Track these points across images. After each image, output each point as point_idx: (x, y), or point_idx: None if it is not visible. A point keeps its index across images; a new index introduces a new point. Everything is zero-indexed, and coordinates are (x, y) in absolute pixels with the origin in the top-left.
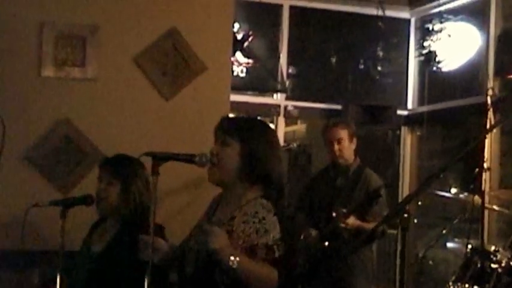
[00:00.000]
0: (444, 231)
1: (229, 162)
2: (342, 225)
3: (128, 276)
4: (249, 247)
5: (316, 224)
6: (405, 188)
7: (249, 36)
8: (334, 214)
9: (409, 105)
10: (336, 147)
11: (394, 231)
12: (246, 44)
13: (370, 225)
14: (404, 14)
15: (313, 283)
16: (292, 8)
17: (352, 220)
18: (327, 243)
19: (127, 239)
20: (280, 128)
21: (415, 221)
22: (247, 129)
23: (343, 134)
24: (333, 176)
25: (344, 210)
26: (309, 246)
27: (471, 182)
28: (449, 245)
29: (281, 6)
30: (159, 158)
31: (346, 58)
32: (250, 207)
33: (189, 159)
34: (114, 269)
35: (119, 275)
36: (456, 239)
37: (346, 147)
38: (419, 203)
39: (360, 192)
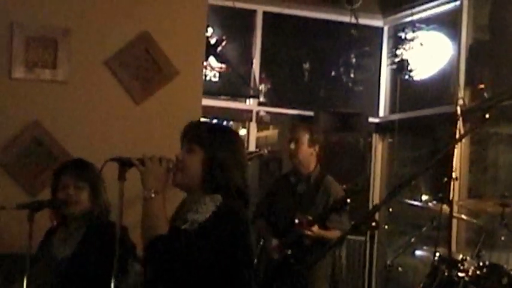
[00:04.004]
0: (413, 239)
1: (193, 168)
2: (308, 232)
3: (100, 277)
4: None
5: (276, 230)
6: (376, 194)
7: (222, 41)
8: (296, 221)
9: (381, 113)
10: (292, 145)
11: (363, 238)
12: (219, 48)
13: (332, 233)
14: (377, 22)
15: None
16: (265, 13)
17: (316, 228)
18: (289, 251)
19: (97, 241)
20: (252, 133)
21: (386, 227)
22: (211, 136)
23: (302, 136)
24: (294, 183)
25: (310, 218)
26: (269, 253)
27: (440, 191)
28: (418, 253)
29: (255, 11)
30: (126, 164)
31: (319, 65)
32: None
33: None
34: (86, 272)
35: (92, 277)
36: (425, 247)
37: (303, 150)
38: (390, 209)
39: (321, 199)
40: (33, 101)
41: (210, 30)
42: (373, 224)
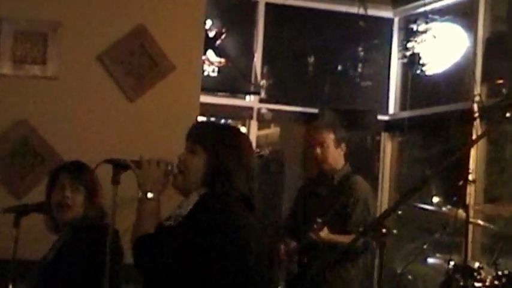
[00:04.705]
0: (425, 246)
1: (194, 171)
2: (313, 236)
3: (82, 281)
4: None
5: (297, 236)
6: (384, 197)
7: (222, 34)
8: (315, 226)
9: (391, 110)
10: (318, 151)
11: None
12: (218, 42)
13: (346, 239)
14: (387, 13)
15: None
16: (268, 4)
17: (324, 233)
18: (305, 260)
19: (80, 243)
20: (253, 132)
21: (394, 231)
22: (216, 138)
23: (328, 137)
24: (317, 184)
25: (319, 221)
26: (290, 256)
27: (455, 195)
28: (430, 260)
29: (256, 2)
30: (121, 166)
31: (324, 59)
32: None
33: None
34: (66, 275)
35: (73, 281)
36: (438, 254)
37: (331, 152)
38: (399, 212)
39: (342, 201)
40: (21, 99)
41: (208, 22)
42: (384, 230)
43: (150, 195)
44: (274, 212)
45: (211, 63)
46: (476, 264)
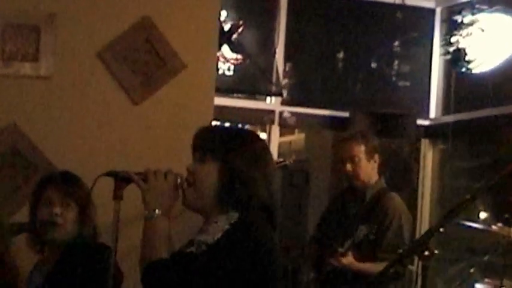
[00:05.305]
0: (472, 269)
1: (207, 183)
2: (335, 263)
3: None
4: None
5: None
6: (425, 214)
7: (239, 27)
8: (340, 250)
9: (432, 114)
10: (349, 167)
11: (412, 267)
12: (234, 36)
13: (373, 267)
14: (428, 3)
15: None
16: None
17: (348, 259)
18: None
19: (74, 265)
20: (274, 139)
21: (435, 252)
22: (229, 143)
23: (359, 150)
24: (346, 202)
25: (346, 245)
26: None
27: (506, 211)
28: (478, 286)
29: None
30: (123, 179)
31: (355, 55)
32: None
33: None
34: None
35: None
36: (486, 279)
37: (363, 167)
38: (441, 229)
39: (373, 222)
40: (11, 101)
41: (223, 13)
42: (426, 252)
43: (157, 212)
44: (297, 231)
45: (227, 60)
46: None
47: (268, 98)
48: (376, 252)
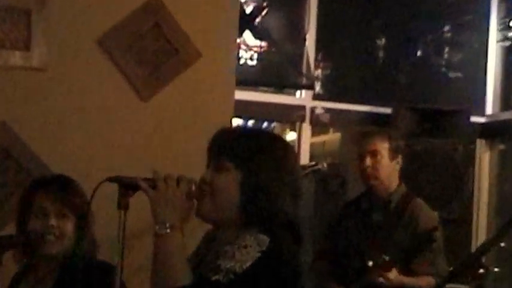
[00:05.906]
0: None
1: (225, 194)
2: (381, 280)
3: None
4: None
5: (343, 276)
6: (481, 225)
7: (263, 10)
8: (370, 263)
9: (488, 110)
10: (368, 162)
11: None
12: (257, 20)
13: (419, 281)
14: None
15: None
16: None
17: (395, 274)
18: None
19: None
20: (305, 139)
21: (495, 269)
22: (252, 150)
23: (380, 146)
24: (367, 209)
25: (386, 259)
26: None
27: None
28: None
29: None
30: (129, 186)
31: (398, 42)
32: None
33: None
34: None
35: None
36: None
37: (384, 165)
38: (502, 245)
39: (405, 231)
40: None
41: None
42: (481, 270)
43: (168, 226)
44: None
45: (249, 48)
46: None
47: (297, 92)
48: (412, 265)
